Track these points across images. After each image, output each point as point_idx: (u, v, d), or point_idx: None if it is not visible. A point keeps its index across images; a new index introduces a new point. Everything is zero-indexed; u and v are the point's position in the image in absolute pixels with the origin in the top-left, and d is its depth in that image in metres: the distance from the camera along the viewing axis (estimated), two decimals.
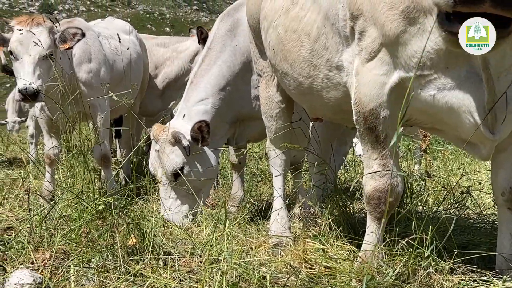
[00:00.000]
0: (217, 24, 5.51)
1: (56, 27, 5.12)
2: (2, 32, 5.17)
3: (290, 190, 5.58)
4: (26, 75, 4.81)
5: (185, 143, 4.85)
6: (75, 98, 5.02)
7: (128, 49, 6.20)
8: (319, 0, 3.55)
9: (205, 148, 5.14)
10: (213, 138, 5.23)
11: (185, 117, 5.14)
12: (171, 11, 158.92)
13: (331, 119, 4.56)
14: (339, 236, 3.83)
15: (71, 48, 5.14)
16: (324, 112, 4.15)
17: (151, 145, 5.25)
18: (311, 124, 5.51)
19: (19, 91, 4.76)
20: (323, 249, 3.52)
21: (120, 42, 5.83)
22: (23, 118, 15.13)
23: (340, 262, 3.35)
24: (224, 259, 3.19)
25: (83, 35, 5.09)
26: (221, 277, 3.04)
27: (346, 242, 3.75)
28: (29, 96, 4.77)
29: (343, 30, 3.31)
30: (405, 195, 4.18)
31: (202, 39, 7.37)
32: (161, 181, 4.89)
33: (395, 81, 3.05)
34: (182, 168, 4.99)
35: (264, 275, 3.14)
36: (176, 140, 4.92)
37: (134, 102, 5.66)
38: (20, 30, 4.94)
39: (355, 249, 3.63)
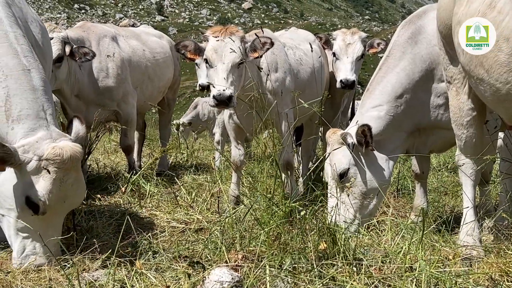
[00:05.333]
0: (397, 31, 5.44)
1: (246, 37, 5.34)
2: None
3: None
4: (220, 82, 5.03)
5: (349, 140, 4.94)
6: (262, 106, 5.19)
7: (319, 57, 6.29)
8: None
9: (379, 156, 5.13)
10: (387, 146, 5.20)
11: (358, 123, 5.13)
12: (342, 22, 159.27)
13: None
14: None
15: (260, 57, 5.31)
16: None
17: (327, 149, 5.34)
18: (500, 134, 5.27)
19: (214, 97, 4.98)
20: None
21: (312, 51, 5.93)
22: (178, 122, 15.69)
23: None
24: (419, 267, 3.13)
25: (272, 44, 5.24)
26: (416, 286, 2.99)
27: None
28: (223, 102, 4.96)
29: None
30: None
31: (323, 44, 7.35)
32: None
33: None
34: (348, 170, 5.04)
35: (462, 286, 3.05)
36: (343, 140, 4.99)
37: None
38: (215, 39, 5.20)
39: None
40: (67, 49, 6.34)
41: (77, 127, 4.27)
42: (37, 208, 3.84)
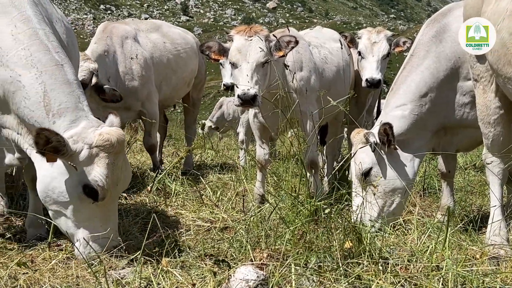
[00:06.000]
0: (422, 30, 5.40)
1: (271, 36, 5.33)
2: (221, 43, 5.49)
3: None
4: (245, 81, 5.02)
5: (371, 139, 4.93)
6: (286, 105, 5.19)
7: (349, 55, 6.25)
8: None
9: (404, 155, 5.11)
10: (412, 145, 5.17)
11: (381, 122, 5.11)
12: (367, 20, 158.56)
13: None
14: None
15: (285, 56, 5.30)
16: None
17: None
18: None
19: (238, 96, 4.98)
20: None
21: (342, 48, 5.91)
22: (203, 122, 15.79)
23: None
24: (446, 266, 3.11)
25: (296, 43, 5.22)
26: (442, 285, 2.98)
27: None
28: (247, 101, 4.96)
29: None
30: None
31: (349, 42, 7.34)
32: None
33: None
34: (371, 169, 5.04)
35: (489, 286, 3.02)
36: (366, 140, 4.99)
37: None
38: (243, 37, 5.19)
39: None
40: (94, 80, 6.46)
41: (111, 119, 4.33)
42: (96, 194, 3.91)
